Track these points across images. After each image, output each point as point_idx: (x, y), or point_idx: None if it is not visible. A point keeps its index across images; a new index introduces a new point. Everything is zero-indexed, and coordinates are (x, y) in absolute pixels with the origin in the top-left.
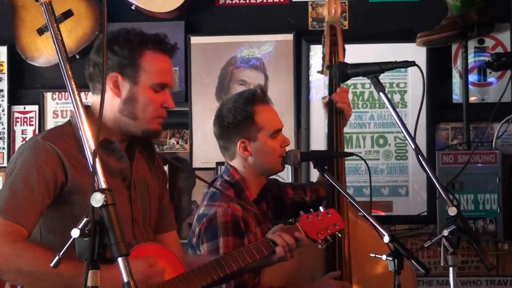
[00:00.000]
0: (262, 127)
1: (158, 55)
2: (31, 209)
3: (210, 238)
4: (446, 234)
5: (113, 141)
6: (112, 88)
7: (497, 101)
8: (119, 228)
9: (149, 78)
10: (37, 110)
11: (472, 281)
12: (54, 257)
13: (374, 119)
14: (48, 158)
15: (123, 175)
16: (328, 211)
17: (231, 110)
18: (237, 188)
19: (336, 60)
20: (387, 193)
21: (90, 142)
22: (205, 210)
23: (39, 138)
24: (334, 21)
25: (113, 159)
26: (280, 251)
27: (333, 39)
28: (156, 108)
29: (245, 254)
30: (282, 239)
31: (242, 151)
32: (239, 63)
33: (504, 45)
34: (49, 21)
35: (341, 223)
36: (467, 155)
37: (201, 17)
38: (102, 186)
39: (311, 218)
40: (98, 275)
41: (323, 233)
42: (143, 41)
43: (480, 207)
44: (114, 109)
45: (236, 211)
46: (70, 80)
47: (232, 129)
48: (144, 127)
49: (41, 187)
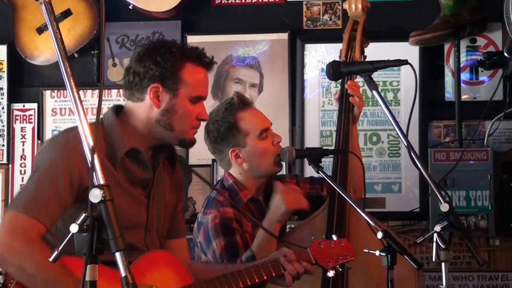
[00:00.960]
0: (248, 132)
1: (198, 68)
2: (53, 208)
3: (207, 245)
4: (438, 230)
5: (141, 151)
6: (152, 98)
7: (489, 99)
8: (117, 224)
9: (188, 90)
10: (36, 108)
11: (464, 276)
12: (53, 252)
13: (367, 116)
14: (77, 160)
15: (145, 184)
16: (340, 240)
17: (214, 124)
18: (230, 191)
19: (353, 56)
20: (380, 189)
21: (89, 139)
22: (201, 218)
23: (71, 136)
24: (357, 16)
25: (138, 168)
26: (288, 278)
27: (353, 34)
28: (193, 120)
29: (253, 274)
30: (293, 268)
31: (235, 159)
32: (235, 62)
33: (496, 44)
34: (49, 20)
35: (351, 254)
36: (459, 152)
37: (197, 17)
38: (101, 182)
39: (323, 245)
40: (97, 269)
41: (333, 262)
42: (184, 53)
43: (472, 203)
44: (151, 118)
45: (227, 214)
46: (69, 78)
47: (220, 142)
48: (180, 138)
49: (66, 188)
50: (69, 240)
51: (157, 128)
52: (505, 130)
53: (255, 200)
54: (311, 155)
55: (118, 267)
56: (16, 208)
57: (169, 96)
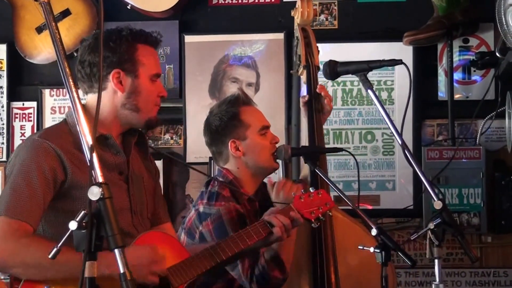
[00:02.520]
0: (249, 125)
1: (149, 48)
2: (34, 206)
3: (220, 236)
4: (431, 227)
5: (109, 136)
6: (116, 84)
7: (481, 99)
8: (116, 221)
9: (147, 70)
10: (35, 106)
11: (457, 273)
12: (53, 249)
13: (362, 115)
14: (47, 156)
15: (120, 169)
16: (318, 191)
17: (217, 114)
18: (232, 187)
19: (312, 60)
20: (375, 187)
21: (88, 137)
22: (205, 210)
23: (36, 137)
24: (305, 24)
25: (109, 153)
26: (277, 231)
27: (306, 41)
28: (155, 97)
29: (244, 237)
30: (278, 220)
31: (234, 151)
32: (232, 61)
33: (488, 44)
34: (48, 20)
35: (331, 202)
36: (452, 150)
37: (194, 17)
38: (99, 180)
39: (304, 198)
40: (95, 266)
41: (316, 212)
42: (135, 36)
43: (465, 201)
44: (116, 104)
45: (239, 209)
46: (68, 77)
47: (220, 132)
48: (146, 118)
49: (42, 184)
50: (68, 237)
51: (123, 112)
52: (497, 129)
53: (251, 201)
54: (307, 153)
55: (117, 264)
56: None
57: (131, 79)
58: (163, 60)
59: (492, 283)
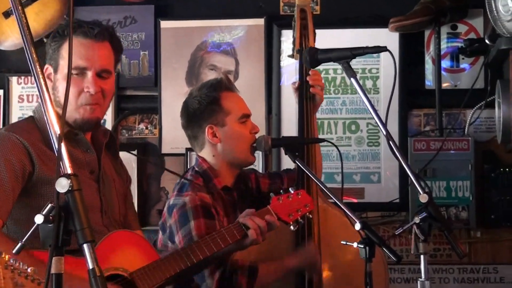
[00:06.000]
0: (229, 111)
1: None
2: (2, 199)
3: (182, 224)
4: (417, 221)
5: (78, 133)
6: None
7: (470, 88)
8: (85, 214)
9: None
10: (2, 94)
11: (444, 269)
12: (17, 244)
13: (346, 105)
14: (14, 149)
15: (91, 168)
16: (298, 192)
17: (196, 97)
18: (205, 176)
19: (307, 44)
20: (359, 179)
21: (56, 127)
22: (174, 201)
23: (2, 130)
24: (305, 5)
25: (79, 150)
26: (252, 234)
27: (303, 23)
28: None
29: (217, 239)
30: (253, 222)
31: (211, 137)
32: (210, 48)
33: (477, 30)
34: (14, 4)
35: (311, 204)
36: (440, 141)
37: (171, 1)
38: (68, 171)
39: (282, 199)
40: (62, 262)
41: (294, 214)
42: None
43: (453, 194)
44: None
45: (205, 199)
46: (35, 64)
47: (198, 115)
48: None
49: (10, 176)
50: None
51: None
52: (486, 119)
53: (228, 189)
54: (288, 144)
55: (86, 259)
56: None
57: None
58: (137, 46)
59: (482, 280)
